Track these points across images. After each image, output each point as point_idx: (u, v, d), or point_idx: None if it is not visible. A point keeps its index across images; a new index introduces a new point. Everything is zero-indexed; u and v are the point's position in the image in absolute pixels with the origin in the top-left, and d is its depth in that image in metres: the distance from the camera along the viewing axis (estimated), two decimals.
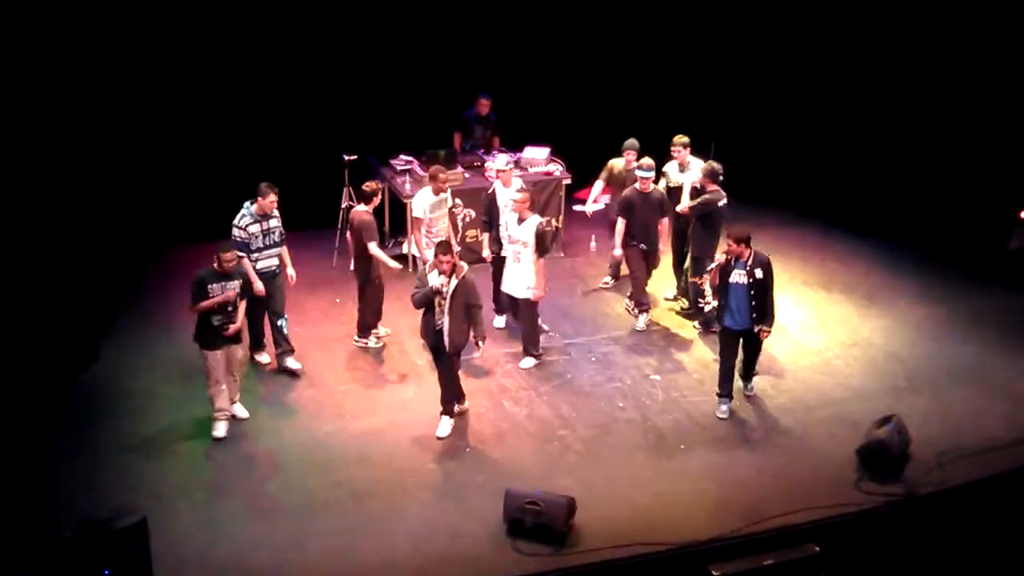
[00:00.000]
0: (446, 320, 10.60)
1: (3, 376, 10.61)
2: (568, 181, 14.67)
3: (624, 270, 13.50)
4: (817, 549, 9.49)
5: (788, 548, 9.52)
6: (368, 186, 12.32)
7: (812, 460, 10.74)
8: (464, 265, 10.73)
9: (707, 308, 12.79)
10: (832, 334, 13.03)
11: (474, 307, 10.76)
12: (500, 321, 13.07)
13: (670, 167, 13.37)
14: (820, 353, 12.64)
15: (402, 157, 14.77)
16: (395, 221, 14.56)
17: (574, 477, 10.38)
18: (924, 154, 14.93)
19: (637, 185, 12.72)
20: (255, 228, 11.59)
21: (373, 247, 12.05)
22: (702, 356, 12.53)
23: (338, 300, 13.54)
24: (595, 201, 13.84)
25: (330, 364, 12.25)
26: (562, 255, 14.62)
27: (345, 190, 14.12)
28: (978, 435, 11.01)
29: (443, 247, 10.60)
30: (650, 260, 13.09)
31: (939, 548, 10.00)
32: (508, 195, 12.56)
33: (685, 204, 12.93)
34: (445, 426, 11.02)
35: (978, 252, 14.44)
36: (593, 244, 14.81)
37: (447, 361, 10.87)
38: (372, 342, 12.56)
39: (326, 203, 14.38)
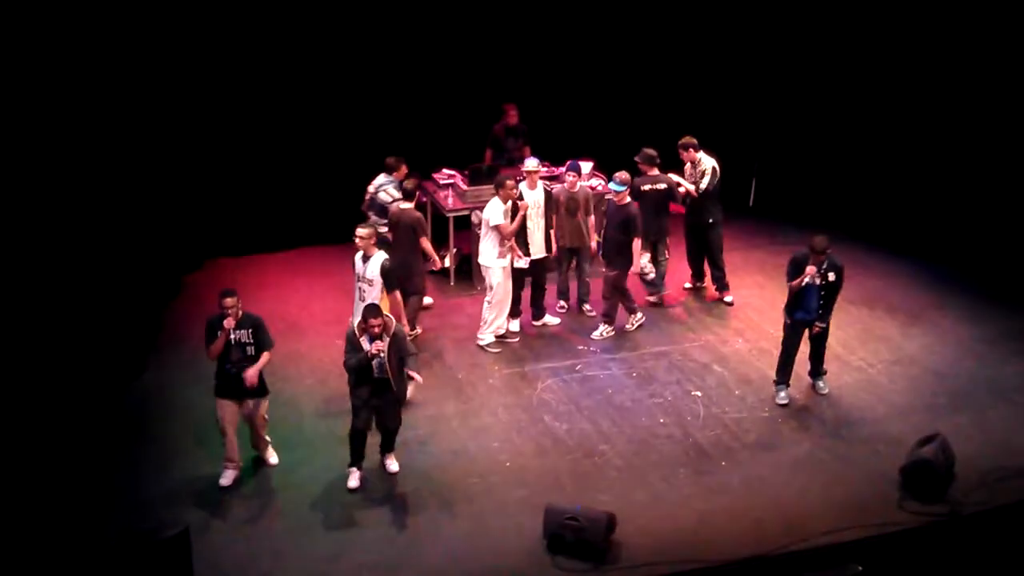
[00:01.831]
0: (385, 374, 10.16)
1: (52, 389, 10.75)
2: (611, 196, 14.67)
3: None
4: (860, 568, 9.38)
5: (831, 567, 9.44)
6: (410, 183, 12.80)
7: (855, 478, 10.65)
8: (392, 319, 10.33)
9: (648, 278, 13.87)
10: (875, 351, 12.93)
11: (409, 357, 10.29)
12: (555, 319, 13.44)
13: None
14: (863, 370, 12.54)
15: (444, 171, 14.84)
16: (437, 235, 14.61)
17: (614, 493, 10.36)
18: (968, 171, 14.79)
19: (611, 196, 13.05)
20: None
21: (426, 241, 12.56)
22: (744, 372, 12.48)
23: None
24: None
25: None
26: (604, 271, 14.57)
27: None
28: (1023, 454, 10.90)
29: (371, 311, 10.12)
30: (604, 271, 13.22)
31: (984, 569, 9.86)
32: (534, 197, 12.89)
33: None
34: (394, 463, 10.71)
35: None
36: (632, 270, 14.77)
37: (394, 403, 10.43)
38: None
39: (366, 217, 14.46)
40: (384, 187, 13.15)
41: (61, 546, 9.35)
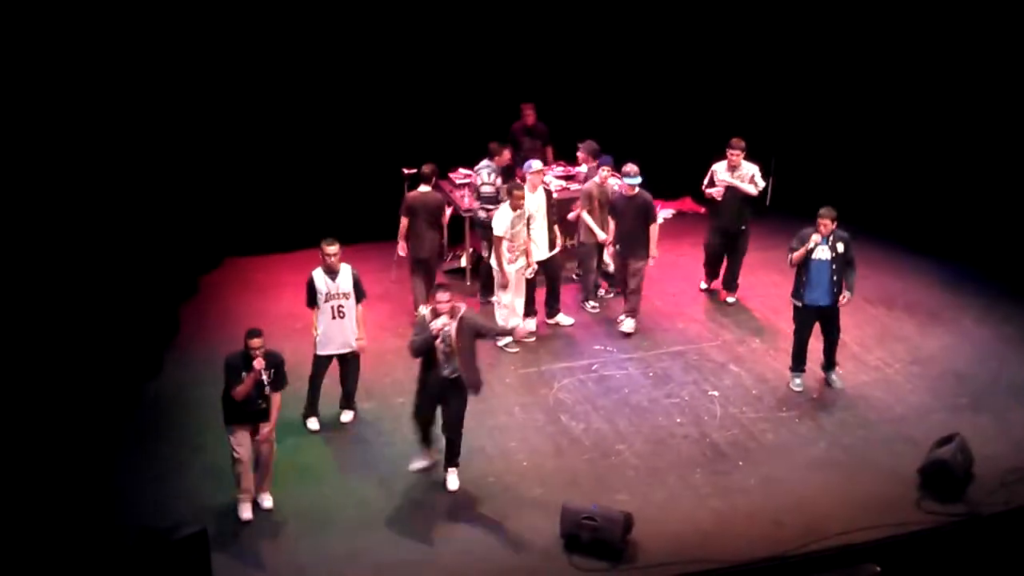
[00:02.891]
0: (455, 363, 10.01)
1: (70, 389, 10.76)
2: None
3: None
4: (878, 569, 9.35)
5: (848, 567, 9.41)
6: (427, 168, 13.06)
7: (873, 478, 10.61)
8: (462, 305, 10.16)
9: (609, 270, 14.07)
10: (893, 351, 12.87)
11: (493, 333, 10.62)
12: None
13: (718, 166, 13.57)
14: (880, 370, 12.49)
15: (460, 171, 14.83)
16: (454, 234, 14.62)
17: (631, 492, 10.35)
18: (989, 169, 14.69)
19: (623, 189, 13.06)
20: (499, 181, 13.47)
21: (444, 219, 13.18)
22: (761, 372, 12.44)
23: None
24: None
25: (387, 376, 12.28)
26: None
27: None
28: None
29: (439, 287, 10.09)
30: (627, 265, 13.17)
31: (1003, 569, 9.82)
32: (536, 200, 12.84)
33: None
34: (454, 480, 10.55)
35: None
36: (651, 260, 14.74)
37: (458, 410, 10.28)
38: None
39: (384, 216, 14.44)
40: (480, 172, 13.67)
41: (78, 545, 9.37)
